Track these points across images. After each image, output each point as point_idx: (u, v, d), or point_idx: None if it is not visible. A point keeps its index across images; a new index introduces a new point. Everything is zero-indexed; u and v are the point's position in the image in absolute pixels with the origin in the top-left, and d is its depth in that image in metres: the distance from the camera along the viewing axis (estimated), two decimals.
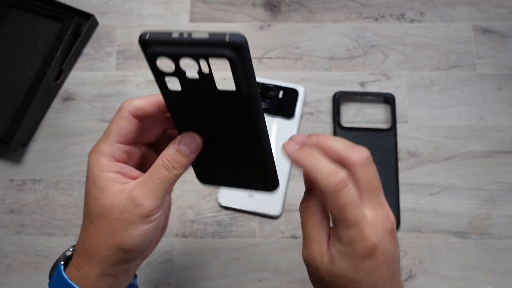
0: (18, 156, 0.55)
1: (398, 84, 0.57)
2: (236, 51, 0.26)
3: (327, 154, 0.30)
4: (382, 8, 0.60)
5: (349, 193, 0.28)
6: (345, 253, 0.29)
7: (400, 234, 0.52)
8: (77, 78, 0.58)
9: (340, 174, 0.28)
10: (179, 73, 0.29)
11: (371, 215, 0.29)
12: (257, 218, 0.53)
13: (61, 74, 0.57)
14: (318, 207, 0.31)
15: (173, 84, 0.29)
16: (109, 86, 0.58)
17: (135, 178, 0.32)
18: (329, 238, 0.31)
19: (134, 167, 0.33)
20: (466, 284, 0.50)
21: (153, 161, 0.32)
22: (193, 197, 0.53)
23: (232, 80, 0.29)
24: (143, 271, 0.51)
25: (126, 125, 0.32)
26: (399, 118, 0.56)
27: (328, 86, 0.57)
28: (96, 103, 0.57)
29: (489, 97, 0.56)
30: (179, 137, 0.31)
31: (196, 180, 0.36)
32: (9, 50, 0.57)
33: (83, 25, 0.58)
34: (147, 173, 0.31)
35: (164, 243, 0.52)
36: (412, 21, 0.60)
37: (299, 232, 0.52)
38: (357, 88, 0.57)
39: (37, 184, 0.54)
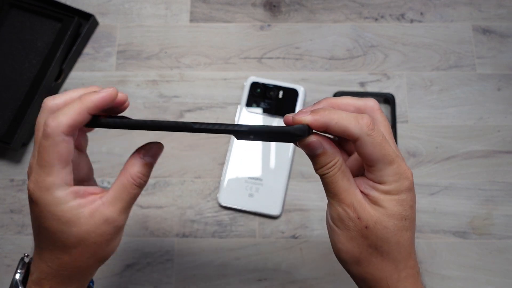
0: (18, 156, 0.55)
1: (398, 84, 0.57)
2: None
3: (343, 110, 0.30)
4: (382, 8, 0.60)
5: (380, 130, 0.29)
6: (391, 191, 0.29)
7: None
8: (77, 78, 0.58)
9: (366, 116, 0.29)
10: None
11: (401, 162, 0.30)
12: (257, 218, 0.53)
13: (61, 74, 0.57)
14: (341, 161, 0.30)
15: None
16: (109, 86, 0.58)
17: (93, 193, 0.31)
18: (358, 186, 0.31)
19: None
20: (466, 284, 0.50)
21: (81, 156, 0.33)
22: (193, 197, 0.53)
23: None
24: (143, 271, 0.51)
25: (66, 148, 0.29)
26: (399, 118, 0.56)
27: (328, 86, 0.57)
28: None
29: (489, 97, 0.56)
30: (142, 150, 0.32)
31: (196, 180, 0.36)
32: (9, 50, 0.57)
33: (83, 25, 0.58)
34: (115, 191, 0.31)
35: (164, 243, 0.52)
36: (412, 21, 0.60)
37: (299, 232, 0.52)
38: (357, 88, 0.57)
39: None
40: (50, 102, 0.30)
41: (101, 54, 0.59)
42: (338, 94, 0.56)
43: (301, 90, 0.56)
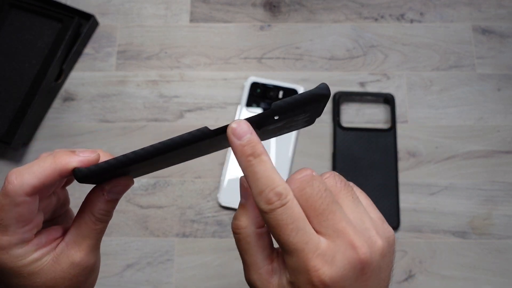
0: (19, 156, 0.55)
1: (398, 84, 0.57)
2: None
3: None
4: (382, 8, 0.60)
5: (286, 213, 0.22)
6: (292, 284, 0.24)
7: (400, 234, 0.52)
8: (77, 78, 0.58)
9: (278, 189, 0.23)
10: None
11: (328, 244, 0.23)
12: None
13: (61, 74, 0.57)
14: (249, 231, 0.25)
15: None
16: (109, 86, 0.58)
17: (56, 237, 0.28)
18: (273, 261, 0.25)
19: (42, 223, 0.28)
20: (465, 284, 0.50)
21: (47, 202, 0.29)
22: (193, 197, 0.53)
23: None
24: (143, 271, 0.51)
25: (27, 209, 0.26)
26: (399, 118, 0.56)
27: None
28: (96, 103, 0.57)
29: (489, 97, 0.56)
30: (106, 187, 0.27)
31: (196, 180, 0.36)
32: (9, 50, 0.57)
33: (83, 25, 0.58)
34: (77, 229, 0.28)
35: (164, 243, 0.52)
36: (412, 21, 0.60)
37: None
38: (357, 88, 0.57)
39: None
40: None
41: (101, 54, 0.59)
42: (338, 94, 0.56)
43: (301, 90, 0.56)
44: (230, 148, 0.54)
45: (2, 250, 0.26)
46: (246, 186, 0.25)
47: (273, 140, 0.54)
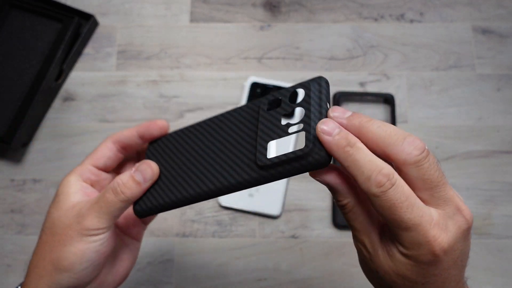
0: (19, 156, 0.55)
1: (397, 84, 0.57)
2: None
3: (371, 145, 0.25)
4: (381, 9, 0.60)
5: (398, 190, 0.23)
6: (408, 256, 0.25)
7: None
8: (78, 78, 0.58)
9: (383, 171, 0.23)
10: None
11: (439, 212, 0.24)
12: (257, 218, 0.53)
13: (62, 74, 0.57)
14: (354, 201, 0.26)
15: None
16: (109, 86, 0.58)
17: (85, 195, 0.32)
18: (381, 228, 0.27)
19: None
20: None
21: None
22: None
23: None
24: (143, 271, 0.51)
25: (102, 150, 0.34)
26: (398, 118, 0.56)
27: None
28: (96, 103, 0.57)
29: (488, 97, 0.56)
30: (137, 164, 0.32)
31: None
32: (9, 50, 0.57)
33: (83, 25, 0.58)
34: (99, 194, 0.31)
35: (164, 243, 0.52)
36: (411, 21, 0.60)
37: (299, 232, 0.52)
38: (357, 88, 0.57)
39: (37, 184, 0.54)
40: None
41: (101, 54, 0.59)
42: (338, 94, 0.56)
43: (301, 90, 0.56)
44: None
45: (69, 173, 0.34)
46: (333, 171, 0.26)
47: (273, 141, 0.54)
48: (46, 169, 0.55)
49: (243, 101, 0.55)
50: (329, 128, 0.25)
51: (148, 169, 0.31)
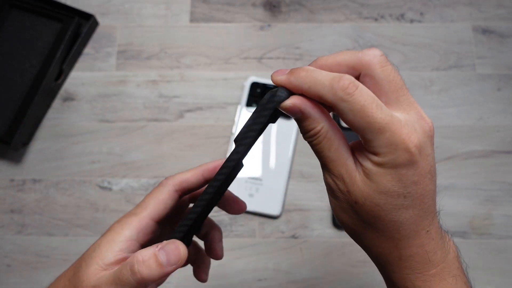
0: (19, 156, 0.55)
1: None
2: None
3: (332, 70, 0.25)
4: (381, 8, 0.60)
5: (364, 92, 0.23)
6: (385, 164, 0.24)
7: None
8: (77, 78, 0.58)
9: (345, 76, 0.23)
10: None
11: (404, 116, 0.24)
12: (257, 218, 0.53)
13: (62, 74, 0.57)
14: (326, 127, 0.25)
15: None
16: (109, 86, 0.58)
17: (113, 264, 0.28)
18: (354, 156, 0.26)
19: None
20: None
21: None
22: None
23: None
24: None
25: (165, 200, 0.29)
26: None
27: None
28: (96, 103, 0.57)
29: (488, 97, 0.56)
30: (165, 242, 0.27)
31: None
32: (9, 50, 0.57)
33: (83, 25, 0.58)
34: (119, 266, 0.27)
35: None
36: (411, 21, 0.60)
37: (299, 232, 0.52)
38: None
39: (37, 184, 0.54)
40: None
41: (101, 54, 0.59)
42: None
43: None
44: (230, 149, 0.54)
45: (121, 224, 0.28)
46: (298, 98, 0.25)
47: (273, 140, 0.54)
48: (46, 169, 0.55)
49: (243, 101, 0.55)
50: (280, 71, 0.25)
51: (176, 251, 0.26)
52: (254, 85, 0.56)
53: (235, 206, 0.33)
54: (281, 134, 0.54)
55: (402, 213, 0.25)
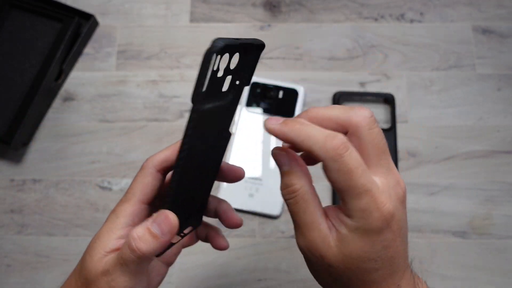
0: (19, 156, 0.55)
1: (398, 84, 0.57)
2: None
3: (323, 125, 0.26)
4: (382, 8, 0.60)
5: (353, 156, 0.24)
6: (358, 229, 0.25)
7: None
8: (77, 78, 0.58)
9: (339, 137, 0.24)
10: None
11: (382, 181, 0.25)
12: (257, 218, 0.53)
13: (62, 74, 0.57)
14: (306, 188, 0.26)
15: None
16: (109, 86, 0.58)
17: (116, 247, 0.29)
18: (328, 220, 0.27)
19: None
20: (466, 284, 0.50)
21: None
22: None
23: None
24: None
25: (151, 182, 0.29)
26: (399, 118, 0.56)
27: (328, 86, 0.57)
28: (96, 103, 0.57)
29: (488, 97, 0.56)
30: (155, 215, 0.27)
31: None
32: (9, 50, 0.57)
33: (83, 25, 0.58)
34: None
35: None
36: (412, 21, 0.60)
37: None
38: (357, 88, 0.57)
39: (37, 184, 0.54)
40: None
41: (101, 54, 0.59)
42: (338, 94, 0.56)
43: (301, 90, 0.56)
44: (230, 149, 0.54)
45: (114, 214, 0.29)
46: (289, 153, 0.27)
47: (273, 141, 0.54)
48: (46, 169, 0.55)
49: (243, 101, 0.55)
50: (274, 120, 0.27)
51: (166, 220, 0.27)
52: (254, 85, 0.56)
53: (232, 174, 0.33)
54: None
55: (373, 274, 0.26)
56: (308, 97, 0.57)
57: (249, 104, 0.55)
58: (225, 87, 0.29)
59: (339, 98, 0.56)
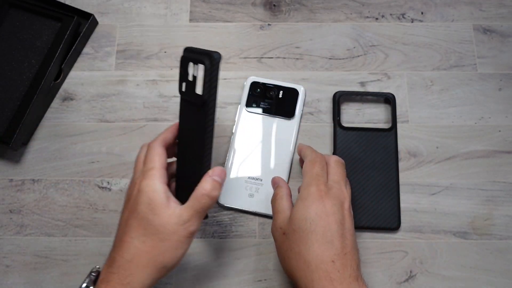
0: (18, 156, 0.55)
1: (398, 84, 0.57)
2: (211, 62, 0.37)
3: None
4: (382, 8, 0.60)
5: (320, 166, 0.42)
6: (300, 198, 0.40)
7: (400, 235, 0.51)
8: (77, 78, 0.58)
9: (319, 157, 0.43)
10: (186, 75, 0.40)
11: (331, 186, 0.41)
12: (257, 218, 0.52)
13: (61, 74, 0.57)
14: (286, 192, 0.44)
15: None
16: (109, 86, 0.58)
17: (174, 201, 0.38)
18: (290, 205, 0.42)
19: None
20: (466, 284, 0.50)
21: None
22: None
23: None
24: None
25: (164, 155, 0.40)
26: (399, 118, 0.55)
27: (328, 85, 0.57)
28: (95, 103, 0.57)
29: (489, 97, 0.56)
30: (210, 171, 0.39)
31: None
32: (8, 49, 0.56)
33: (82, 24, 0.58)
34: (190, 201, 0.38)
35: None
36: (412, 20, 0.60)
37: None
38: (357, 88, 0.57)
39: (36, 184, 0.54)
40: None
41: (100, 54, 0.59)
42: (338, 94, 0.56)
43: (301, 90, 0.56)
44: (230, 149, 0.53)
45: (151, 177, 0.38)
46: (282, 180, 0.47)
47: (273, 140, 0.54)
48: (45, 169, 0.55)
49: (243, 101, 0.55)
50: (300, 147, 0.48)
51: (221, 171, 0.39)
52: (254, 85, 0.56)
53: None
54: (281, 134, 0.54)
55: (309, 235, 0.38)
56: (308, 96, 0.56)
57: (249, 104, 0.55)
58: (198, 90, 0.38)
59: (340, 98, 0.56)
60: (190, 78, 0.39)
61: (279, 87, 0.56)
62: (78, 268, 0.51)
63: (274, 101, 0.55)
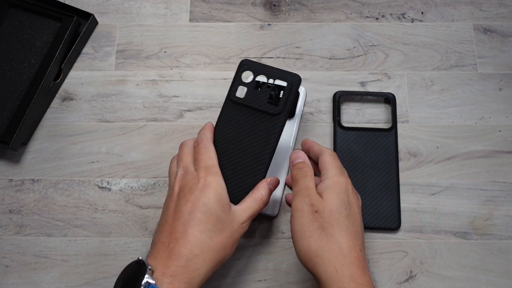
0: (17, 156, 0.55)
1: (398, 83, 0.57)
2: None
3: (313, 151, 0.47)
4: (382, 8, 0.60)
5: (340, 161, 0.44)
6: (334, 184, 0.41)
7: (400, 235, 0.51)
8: (77, 77, 0.58)
9: (335, 153, 0.45)
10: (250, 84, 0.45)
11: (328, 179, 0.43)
12: (257, 218, 0.52)
13: (60, 74, 0.57)
14: (311, 169, 0.43)
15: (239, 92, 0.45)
16: (109, 85, 0.58)
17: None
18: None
19: None
20: (467, 284, 0.50)
21: None
22: None
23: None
24: None
25: (214, 152, 0.42)
26: (399, 118, 0.55)
27: (328, 85, 0.57)
28: (95, 103, 0.57)
29: (490, 96, 0.56)
30: (268, 179, 0.43)
31: None
32: (8, 49, 0.56)
33: (82, 24, 0.58)
34: (247, 202, 0.41)
35: None
36: (413, 20, 0.60)
37: None
38: (357, 88, 0.57)
39: (36, 184, 0.54)
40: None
41: (100, 54, 0.59)
42: (338, 94, 0.55)
43: (301, 89, 0.55)
44: None
45: (218, 176, 0.41)
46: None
47: None
48: (44, 169, 0.54)
49: None
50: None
51: (276, 181, 0.44)
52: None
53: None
54: (282, 134, 0.54)
55: (340, 220, 0.40)
56: (308, 96, 0.56)
57: None
58: (263, 97, 0.45)
59: (340, 98, 0.55)
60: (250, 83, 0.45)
61: (279, 87, 0.55)
62: (77, 268, 0.51)
63: (274, 101, 0.55)
